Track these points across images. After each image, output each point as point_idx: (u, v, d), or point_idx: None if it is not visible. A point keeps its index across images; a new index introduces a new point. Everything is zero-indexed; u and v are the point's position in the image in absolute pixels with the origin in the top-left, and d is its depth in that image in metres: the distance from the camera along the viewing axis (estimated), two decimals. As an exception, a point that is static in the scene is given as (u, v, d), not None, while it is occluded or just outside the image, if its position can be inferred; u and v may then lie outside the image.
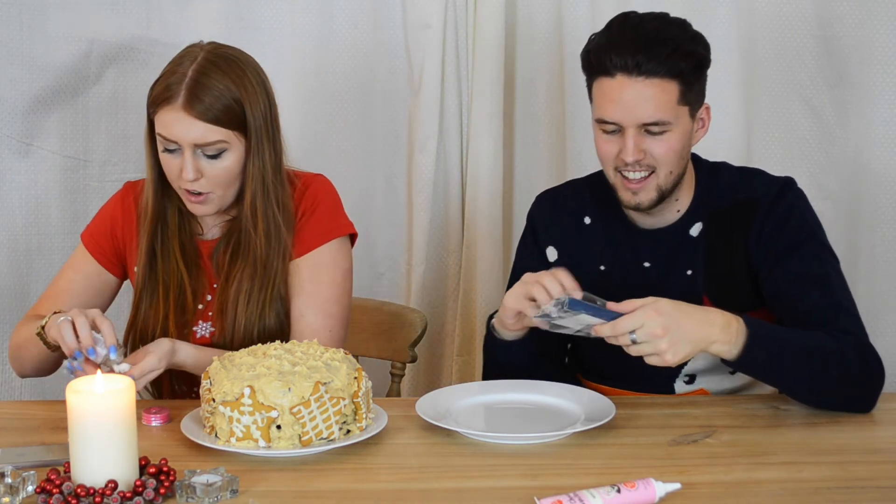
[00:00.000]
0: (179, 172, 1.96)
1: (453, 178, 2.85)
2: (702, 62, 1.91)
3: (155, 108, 1.96)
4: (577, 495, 1.45)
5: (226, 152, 1.97)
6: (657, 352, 1.70)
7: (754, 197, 1.97)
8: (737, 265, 1.97)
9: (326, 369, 1.69)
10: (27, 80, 2.69)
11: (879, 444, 1.73)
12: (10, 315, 2.73)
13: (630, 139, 1.88)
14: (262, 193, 2.02)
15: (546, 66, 2.79)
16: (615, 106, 1.88)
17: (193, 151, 1.94)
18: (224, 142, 1.95)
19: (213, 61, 1.96)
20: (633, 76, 1.85)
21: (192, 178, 1.95)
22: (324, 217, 2.09)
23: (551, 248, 2.09)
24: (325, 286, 2.06)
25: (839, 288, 1.91)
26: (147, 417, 1.82)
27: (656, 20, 1.90)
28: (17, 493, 1.50)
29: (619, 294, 1.99)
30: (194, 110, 1.92)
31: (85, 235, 2.15)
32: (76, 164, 2.76)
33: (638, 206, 1.94)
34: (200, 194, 1.99)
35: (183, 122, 1.93)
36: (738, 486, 1.53)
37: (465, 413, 1.84)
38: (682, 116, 1.90)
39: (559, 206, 2.12)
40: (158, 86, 1.96)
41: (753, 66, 2.74)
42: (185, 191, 1.99)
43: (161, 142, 1.97)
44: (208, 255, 2.10)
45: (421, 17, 2.77)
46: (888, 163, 2.69)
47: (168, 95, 1.93)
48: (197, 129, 1.93)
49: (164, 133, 1.95)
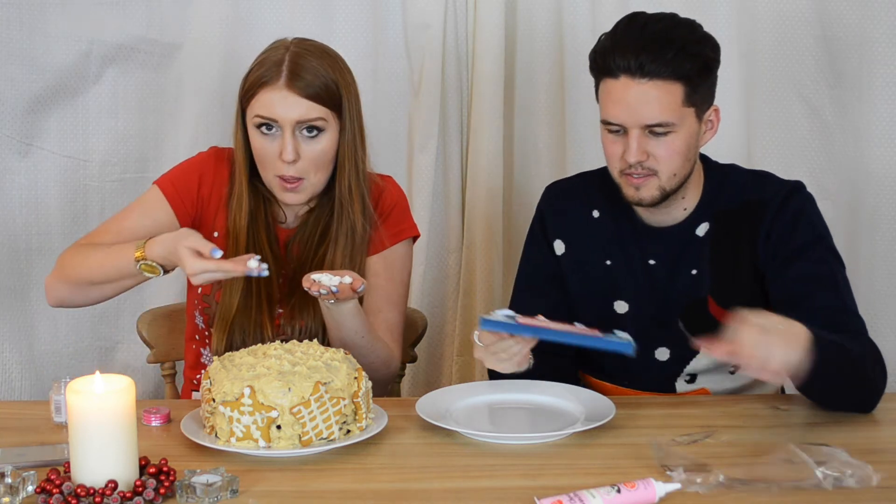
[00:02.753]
0: (277, 155, 1.99)
1: (453, 178, 2.85)
2: (709, 64, 1.90)
3: (254, 92, 1.99)
4: (577, 495, 1.45)
5: (323, 132, 2.00)
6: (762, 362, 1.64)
7: (763, 199, 1.97)
8: (743, 267, 1.97)
9: (326, 369, 1.69)
10: (27, 80, 2.68)
11: (879, 444, 1.74)
12: (10, 315, 2.73)
13: (634, 140, 1.88)
14: (356, 175, 2.06)
15: (546, 66, 2.79)
16: (619, 107, 1.88)
17: (294, 131, 1.98)
18: (323, 119, 2.00)
19: (307, 48, 2.03)
20: (636, 78, 1.85)
21: (291, 159, 1.98)
22: (400, 216, 2.15)
23: (559, 241, 2.09)
24: (398, 284, 2.13)
25: (846, 290, 1.92)
26: (147, 417, 1.82)
27: (663, 21, 1.89)
28: (17, 493, 1.50)
29: (624, 291, 2.00)
30: (296, 87, 1.97)
31: (164, 183, 2.11)
32: (76, 164, 2.76)
33: (640, 202, 1.94)
34: (295, 181, 2.00)
35: (287, 99, 1.97)
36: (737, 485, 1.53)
37: (466, 413, 1.84)
38: (687, 118, 1.89)
39: (568, 198, 2.12)
40: (253, 73, 2.01)
41: (753, 66, 2.74)
42: (279, 178, 2.01)
43: (259, 124, 1.99)
44: (284, 243, 2.11)
45: (421, 17, 2.77)
46: (888, 163, 2.69)
47: (269, 77, 1.98)
48: (300, 107, 1.97)
49: (265, 113, 1.98)
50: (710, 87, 1.93)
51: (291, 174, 2.00)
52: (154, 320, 2.33)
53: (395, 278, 2.13)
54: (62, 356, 2.79)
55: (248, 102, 2.02)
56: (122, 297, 2.75)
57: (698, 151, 1.97)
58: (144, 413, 1.82)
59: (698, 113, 1.91)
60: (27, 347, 2.75)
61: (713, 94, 1.95)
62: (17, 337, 2.74)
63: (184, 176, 2.12)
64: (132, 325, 2.40)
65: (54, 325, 2.77)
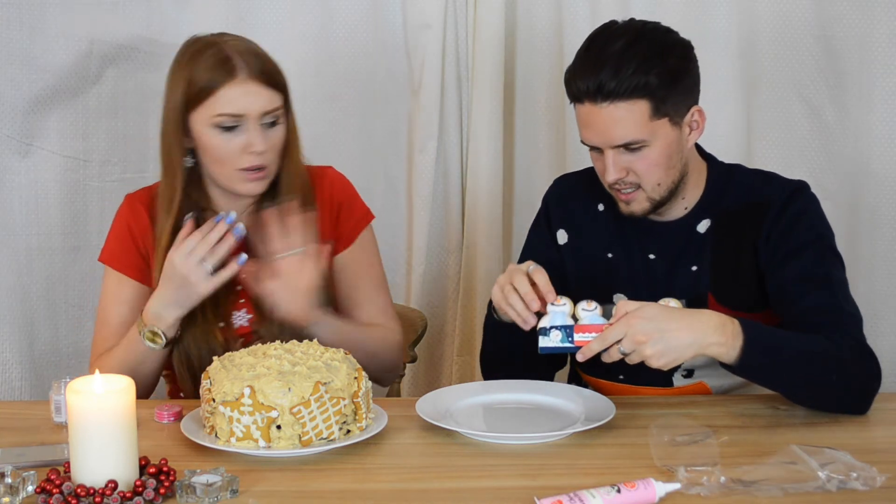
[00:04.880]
0: (241, 150, 1.96)
1: (453, 178, 2.85)
2: (675, 73, 1.87)
3: (205, 95, 1.95)
4: (577, 495, 1.45)
5: (280, 119, 2.00)
6: (643, 357, 1.70)
7: (766, 199, 1.97)
8: (744, 265, 1.97)
9: (326, 369, 1.69)
10: (27, 80, 2.68)
11: (878, 444, 1.74)
12: (9, 315, 2.73)
13: (609, 160, 1.90)
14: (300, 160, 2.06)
15: (546, 66, 2.79)
16: (588, 131, 1.90)
17: (259, 122, 1.96)
18: (281, 107, 1.99)
19: (239, 37, 2.01)
20: (598, 102, 1.85)
21: (262, 149, 1.95)
22: (353, 205, 2.14)
23: (562, 230, 2.10)
24: (374, 266, 2.15)
25: (841, 290, 1.91)
26: (160, 415, 1.82)
27: (624, 36, 1.86)
28: (17, 493, 1.50)
29: (624, 283, 2.01)
30: (259, 77, 1.95)
31: (109, 260, 2.10)
32: (76, 164, 2.76)
33: (633, 214, 1.96)
34: (261, 170, 1.99)
35: (251, 92, 1.95)
36: (739, 487, 1.53)
37: (465, 413, 1.84)
38: (659, 130, 1.88)
39: (575, 190, 2.13)
40: (203, 73, 1.95)
41: (753, 66, 2.74)
42: (243, 172, 1.98)
43: (221, 123, 1.95)
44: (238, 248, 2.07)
45: (421, 17, 2.77)
46: (888, 163, 2.69)
47: (221, 75, 1.94)
48: (264, 97, 1.96)
49: (231, 110, 1.94)
50: (684, 92, 1.91)
51: (258, 163, 1.98)
52: (154, 320, 2.33)
53: (370, 262, 2.14)
54: (62, 356, 2.79)
55: (194, 108, 1.96)
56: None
57: (684, 154, 1.96)
58: (157, 410, 1.83)
59: (673, 121, 1.89)
60: (27, 347, 2.75)
61: (693, 97, 1.93)
62: (17, 337, 2.73)
63: (120, 241, 2.10)
64: (132, 325, 2.40)
65: (54, 325, 2.77)
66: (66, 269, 2.76)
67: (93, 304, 2.74)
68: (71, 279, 2.76)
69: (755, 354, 1.74)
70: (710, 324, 1.73)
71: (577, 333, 1.77)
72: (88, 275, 2.75)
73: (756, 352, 1.74)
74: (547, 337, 1.78)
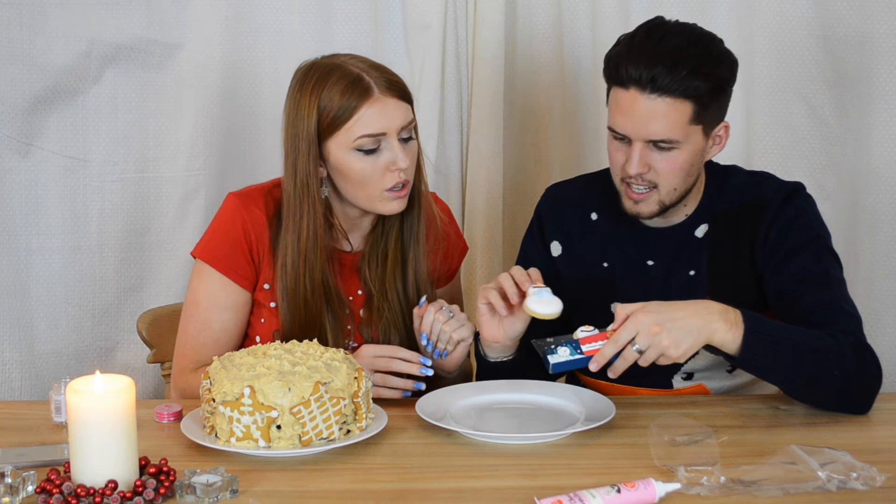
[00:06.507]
0: (385, 169, 1.92)
1: (453, 178, 2.85)
2: (722, 84, 1.88)
3: (343, 120, 1.90)
4: (577, 495, 1.45)
5: (413, 132, 1.98)
6: (661, 350, 1.70)
7: (762, 200, 1.97)
8: (741, 267, 1.97)
9: (326, 369, 1.69)
10: (27, 80, 2.68)
11: (878, 444, 1.74)
12: (9, 315, 2.73)
13: (636, 153, 1.88)
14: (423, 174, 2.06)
15: (546, 67, 2.78)
16: (625, 118, 1.87)
17: (398, 137, 1.93)
18: (414, 119, 1.98)
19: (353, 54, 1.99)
20: (646, 92, 1.84)
21: (406, 165, 1.92)
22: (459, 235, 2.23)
23: (556, 242, 2.10)
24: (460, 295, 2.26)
25: (840, 289, 1.91)
26: (160, 414, 1.83)
27: (682, 35, 1.86)
28: (17, 493, 1.50)
29: (621, 292, 2.00)
30: (394, 92, 1.93)
31: (215, 262, 2.01)
32: (76, 164, 2.76)
33: (638, 215, 1.95)
34: (405, 186, 1.96)
35: (388, 107, 1.91)
36: (739, 487, 1.53)
37: (465, 413, 1.84)
38: (693, 135, 1.88)
39: (567, 200, 2.13)
40: (335, 97, 1.90)
41: (753, 66, 2.74)
42: (389, 192, 1.94)
43: (364, 146, 1.91)
44: (353, 266, 2.06)
45: (421, 17, 2.77)
46: (888, 163, 2.69)
47: (356, 97, 1.90)
48: (401, 111, 1.94)
49: (372, 130, 1.90)
50: (722, 105, 1.92)
51: (403, 180, 1.94)
52: (154, 320, 2.33)
53: (461, 291, 2.22)
54: (62, 356, 2.78)
55: (330, 135, 1.92)
56: (123, 297, 2.76)
57: (702, 165, 1.97)
58: (157, 411, 1.83)
59: (706, 130, 1.90)
60: (27, 347, 2.75)
61: (725, 111, 1.94)
62: (17, 337, 2.73)
63: (230, 247, 2.01)
64: (132, 325, 2.40)
65: (54, 325, 2.77)
66: (66, 269, 2.75)
67: (93, 304, 2.75)
68: (71, 279, 2.76)
69: (757, 343, 1.74)
70: (714, 309, 1.75)
71: (585, 344, 1.77)
72: (88, 275, 2.74)
73: (757, 340, 1.74)
74: (555, 354, 1.78)
